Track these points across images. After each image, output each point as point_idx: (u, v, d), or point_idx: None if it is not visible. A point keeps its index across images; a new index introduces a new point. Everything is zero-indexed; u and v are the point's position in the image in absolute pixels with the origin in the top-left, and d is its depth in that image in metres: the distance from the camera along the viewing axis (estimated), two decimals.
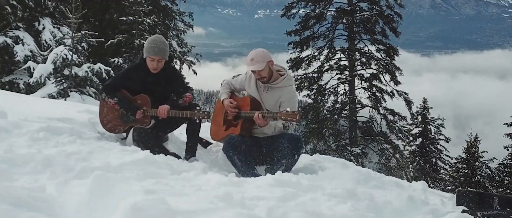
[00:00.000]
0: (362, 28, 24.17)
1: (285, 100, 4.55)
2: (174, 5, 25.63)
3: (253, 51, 4.63)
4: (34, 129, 4.00)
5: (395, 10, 23.95)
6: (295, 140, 4.40)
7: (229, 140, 4.44)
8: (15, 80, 14.15)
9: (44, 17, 15.21)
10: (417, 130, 28.20)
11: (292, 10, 24.71)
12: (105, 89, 4.78)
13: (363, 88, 24.24)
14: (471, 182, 25.27)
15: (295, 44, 24.68)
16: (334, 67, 24.49)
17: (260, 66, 4.45)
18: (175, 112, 4.61)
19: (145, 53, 4.71)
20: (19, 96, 6.44)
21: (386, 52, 23.94)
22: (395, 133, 24.20)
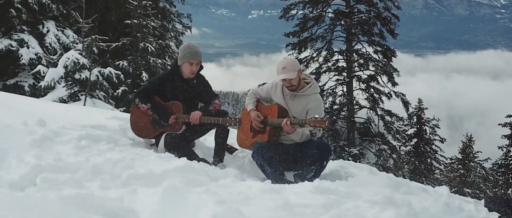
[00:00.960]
0: (360, 30, 24.34)
1: (312, 108, 4.66)
2: (172, 7, 25.69)
3: (284, 60, 4.72)
4: (75, 137, 4.11)
5: (392, 12, 24.12)
6: (324, 147, 4.52)
7: (259, 147, 4.54)
8: (20, 83, 14.22)
9: (48, 20, 15.26)
10: (412, 130, 28.43)
11: (290, 12, 24.86)
12: (139, 95, 4.93)
13: (361, 90, 24.42)
14: (466, 183, 25.53)
15: (294, 45, 24.82)
16: (332, 69, 24.66)
17: (292, 74, 4.54)
18: (207, 118, 4.74)
19: (182, 59, 4.86)
20: (45, 104, 6.51)
21: (384, 54, 24.12)
22: (392, 134, 24.39)
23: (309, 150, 4.50)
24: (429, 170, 29.47)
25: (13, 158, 3.12)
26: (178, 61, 4.92)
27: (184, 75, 4.94)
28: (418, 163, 28.95)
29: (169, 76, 5.00)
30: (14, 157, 3.16)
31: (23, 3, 14.23)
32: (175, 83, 4.94)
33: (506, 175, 25.22)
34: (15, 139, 3.63)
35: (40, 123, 4.21)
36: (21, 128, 3.94)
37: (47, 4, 14.93)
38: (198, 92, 5.04)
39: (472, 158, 26.49)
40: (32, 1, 14.53)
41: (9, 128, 3.80)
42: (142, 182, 3.01)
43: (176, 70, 4.96)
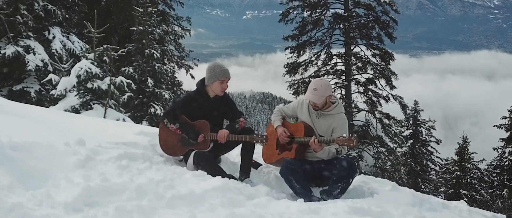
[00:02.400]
0: (358, 34, 24.56)
1: (337, 126, 4.83)
2: (172, 10, 25.79)
3: (319, 82, 4.89)
4: (114, 156, 4.29)
5: (391, 16, 24.34)
6: (350, 165, 4.67)
7: (287, 165, 4.70)
8: (26, 89, 14.29)
9: (54, 26, 15.36)
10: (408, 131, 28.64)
11: (289, 16, 25.06)
12: (167, 116, 5.08)
13: (359, 93, 24.67)
14: (462, 184, 25.73)
15: (292, 49, 25.05)
16: (331, 72, 24.91)
17: (318, 99, 4.73)
18: (234, 136, 4.90)
19: (213, 78, 5.03)
20: (71, 117, 6.67)
21: (382, 57, 24.38)
22: (390, 137, 24.61)
23: (335, 167, 4.67)
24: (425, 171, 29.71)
25: (61, 179, 3.29)
26: (207, 81, 5.09)
27: (210, 95, 5.10)
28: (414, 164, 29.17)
29: (196, 96, 5.17)
30: (62, 177, 3.33)
31: (29, 10, 14.34)
32: (201, 102, 5.10)
33: (501, 176, 25.47)
34: (58, 159, 3.79)
35: (79, 142, 4.39)
36: (64, 148, 4.10)
37: (52, 10, 15.04)
38: (223, 110, 5.21)
39: (468, 160, 26.68)
40: (38, 8, 14.66)
41: (51, 147, 3.97)
42: (185, 202, 3.18)
43: (202, 90, 5.13)
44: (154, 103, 16.04)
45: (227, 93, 5.30)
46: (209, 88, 5.11)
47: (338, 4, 24.83)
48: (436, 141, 29.34)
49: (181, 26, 25.60)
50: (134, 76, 15.26)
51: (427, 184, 29.53)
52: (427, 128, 29.19)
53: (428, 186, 29.47)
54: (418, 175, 29.03)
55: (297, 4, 24.80)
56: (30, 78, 14.78)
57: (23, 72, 14.63)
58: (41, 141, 4.10)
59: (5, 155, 3.50)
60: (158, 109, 15.93)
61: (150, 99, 15.99)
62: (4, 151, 3.55)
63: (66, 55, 14.90)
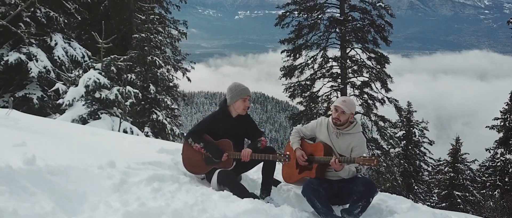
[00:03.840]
0: (354, 37, 24.75)
1: (357, 145, 5.01)
2: (168, 13, 25.93)
3: (347, 97, 5.18)
4: (144, 178, 4.46)
5: (386, 20, 24.54)
6: (370, 184, 4.85)
7: (309, 184, 4.86)
8: (28, 95, 14.39)
9: (55, 33, 15.46)
10: (401, 133, 28.96)
11: (285, 20, 25.22)
12: (192, 135, 5.23)
13: (355, 96, 24.80)
14: (456, 185, 26.05)
15: (289, 52, 25.21)
16: (327, 75, 25.07)
17: (347, 109, 4.94)
18: (257, 155, 5.05)
19: (235, 98, 5.22)
20: (93, 134, 6.80)
21: (377, 61, 24.57)
22: (386, 139, 24.86)
23: (355, 186, 4.83)
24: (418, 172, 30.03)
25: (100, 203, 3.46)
26: (229, 101, 5.27)
27: (233, 114, 5.28)
28: (407, 165, 29.49)
29: (220, 116, 5.33)
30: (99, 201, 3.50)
31: (31, 17, 14.45)
32: (225, 122, 5.26)
33: (493, 176, 25.74)
34: (94, 182, 3.96)
35: (110, 164, 4.56)
36: (98, 171, 4.27)
37: (54, 17, 15.15)
38: (245, 129, 5.37)
39: (461, 161, 26.99)
40: (41, 15, 14.77)
41: (86, 171, 4.13)
42: None
43: (225, 110, 5.31)
44: (156, 109, 16.18)
45: (249, 114, 5.47)
46: (231, 108, 5.28)
47: (334, 8, 25.03)
48: (429, 142, 29.72)
49: (178, 29, 25.74)
50: (136, 83, 15.41)
51: (420, 185, 29.88)
52: (420, 129, 29.58)
53: (421, 187, 29.83)
54: (411, 176, 29.38)
55: (293, 8, 24.95)
56: (32, 84, 14.90)
57: (25, 78, 14.73)
58: (76, 164, 4.25)
59: (44, 179, 3.63)
60: (160, 115, 16.08)
61: (152, 106, 16.13)
62: (43, 175, 3.68)
63: (68, 61, 15.02)
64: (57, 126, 7.16)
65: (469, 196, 26.39)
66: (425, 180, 30.55)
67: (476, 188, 27.04)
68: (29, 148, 4.49)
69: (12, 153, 4.14)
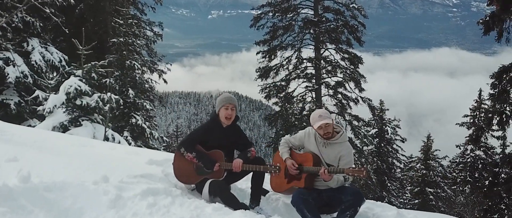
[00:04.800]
0: (328, 38, 25.03)
1: (345, 155, 5.16)
2: (143, 15, 25.79)
3: (318, 110, 5.30)
4: (138, 192, 4.56)
5: (359, 20, 24.93)
6: (357, 194, 5.01)
7: (299, 194, 4.98)
8: (5, 101, 14.20)
9: (32, 37, 15.30)
10: (374, 131, 29.44)
11: (260, 21, 25.38)
12: (184, 145, 5.33)
13: (329, 96, 25.12)
14: (428, 182, 26.66)
15: (264, 53, 25.37)
16: (301, 76, 25.30)
17: (329, 120, 5.09)
18: (248, 166, 5.19)
19: (219, 105, 5.36)
20: (81, 146, 6.84)
21: (351, 61, 24.92)
22: (360, 138, 25.26)
23: (344, 196, 4.97)
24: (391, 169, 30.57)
25: None
26: (216, 110, 5.41)
27: (223, 124, 5.40)
28: (380, 162, 29.98)
29: (212, 125, 5.45)
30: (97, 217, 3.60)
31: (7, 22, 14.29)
32: (216, 132, 5.38)
33: (464, 172, 26.37)
34: (91, 199, 4.05)
35: (104, 179, 4.64)
36: (94, 187, 4.34)
37: (31, 22, 15.01)
38: (235, 140, 5.49)
39: (433, 158, 27.56)
40: (17, 19, 14.60)
41: (81, 186, 4.21)
42: None
43: (216, 120, 5.43)
44: (134, 113, 16.16)
45: (238, 125, 5.60)
46: (219, 117, 5.41)
47: (308, 9, 25.32)
48: (401, 140, 30.25)
49: (153, 31, 25.62)
50: (115, 87, 15.38)
51: (393, 182, 30.41)
52: (392, 127, 30.11)
53: (394, 184, 30.39)
54: (384, 173, 29.87)
55: (268, 10, 25.15)
56: (9, 90, 14.70)
57: (2, 84, 14.54)
58: (70, 180, 4.32)
59: (40, 197, 3.70)
60: (139, 119, 16.06)
61: (131, 110, 16.11)
62: (39, 193, 3.75)
63: (46, 66, 14.89)
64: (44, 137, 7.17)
65: (441, 192, 27.00)
66: (398, 177, 31.06)
67: (447, 184, 27.65)
68: (22, 163, 4.54)
69: (5, 169, 4.19)
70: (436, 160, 27.67)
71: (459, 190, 26.70)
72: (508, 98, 14.79)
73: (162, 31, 26.10)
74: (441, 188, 27.03)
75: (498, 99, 14.98)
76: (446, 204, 27.12)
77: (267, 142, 26.61)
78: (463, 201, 26.00)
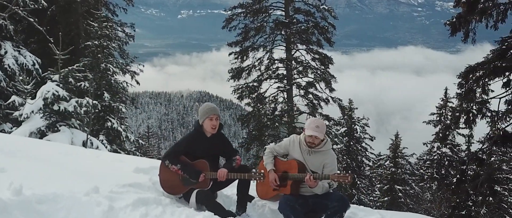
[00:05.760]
0: (299, 39, 25.29)
1: (329, 162, 5.34)
2: (115, 16, 25.58)
3: (318, 121, 5.41)
4: (129, 203, 4.64)
5: (329, 21, 25.31)
6: (343, 199, 5.19)
7: (286, 201, 5.11)
8: None
9: (5, 41, 15.06)
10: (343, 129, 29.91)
11: (232, 23, 25.50)
12: (168, 157, 5.41)
13: (301, 96, 25.35)
14: (397, 180, 27.28)
15: (236, 54, 25.48)
16: (273, 76, 25.48)
17: (321, 135, 5.25)
18: (233, 174, 5.30)
19: (202, 117, 5.44)
20: (66, 155, 6.85)
21: (321, 61, 25.23)
22: (331, 138, 25.60)
23: (329, 202, 5.13)
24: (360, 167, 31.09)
25: None
26: (200, 121, 5.48)
27: (207, 134, 5.49)
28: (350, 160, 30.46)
29: (195, 136, 5.53)
30: None
31: None
32: (200, 142, 5.47)
33: (431, 169, 27.10)
34: (83, 210, 4.12)
35: (94, 189, 4.70)
36: (86, 198, 4.39)
37: (4, 25, 14.80)
38: (220, 149, 5.60)
39: (401, 156, 28.16)
40: None
41: (73, 198, 4.26)
42: None
43: (200, 131, 5.51)
44: (110, 117, 16.11)
45: (223, 133, 5.69)
46: (203, 128, 5.49)
47: (279, 10, 25.59)
48: (370, 138, 30.79)
49: (125, 32, 25.41)
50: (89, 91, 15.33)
51: (362, 180, 30.94)
52: (361, 125, 30.62)
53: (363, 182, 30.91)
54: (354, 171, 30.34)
55: (239, 11, 25.30)
56: None
57: None
58: (62, 191, 4.36)
59: (33, 210, 3.75)
60: (114, 123, 16.01)
61: (106, 113, 16.05)
62: (32, 205, 3.80)
63: (19, 70, 14.71)
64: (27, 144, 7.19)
65: (409, 189, 27.63)
66: (367, 175, 31.55)
67: (414, 181, 28.28)
68: (10, 174, 4.57)
69: None
70: (404, 158, 28.26)
71: (427, 187, 27.39)
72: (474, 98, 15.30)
73: (134, 32, 25.90)
74: (409, 185, 27.62)
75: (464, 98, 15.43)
76: (414, 200, 27.78)
77: (239, 142, 26.75)
78: (431, 197, 26.70)
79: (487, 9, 14.31)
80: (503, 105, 15.01)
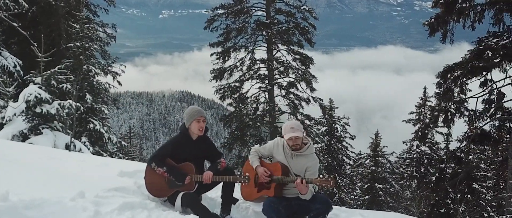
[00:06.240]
0: (280, 39, 25.46)
1: (311, 166, 5.44)
2: (96, 17, 25.40)
3: (291, 122, 5.50)
4: (115, 207, 4.68)
5: (310, 22, 25.53)
6: (326, 202, 5.30)
7: (270, 203, 5.20)
8: None
9: None
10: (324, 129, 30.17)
11: (214, 23, 25.55)
12: (154, 160, 5.47)
13: (282, 96, 25.53)
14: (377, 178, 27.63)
15: (218, 54, 25.54)
16: (255, 77, 25.61)
17: (299, 133, 5.33)
18: (218, 177, 5.38)
19: (189, 120, 5.51)
20: (51, 159, 6.84)
21: (302, 62, 25.43)
22: (312, 137, 25.81)
23: (313, 204, 5.24)
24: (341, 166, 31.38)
25: None
26: (186, 124, 5.56)
27: (193, 136, 5.57)
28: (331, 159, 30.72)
29: (181, 139, 5.60)
30: None
31: None
32: (186, 145, 5.54)
33: (410, 167, 27.48)
34: (69, 216, 4.16)
35: (80, 194, 4.75)
36: (72, 203, 4.43)
37: None
38: (205, 151, 5.68)
39: (381, 154, 28.50)
40: None
41: (60, 203, 4.30)
42: None
43: (186, 134, 5.59)
44: (92, 118, 16.06)
45: (208, 136, 5.77)
46: (190, 131, 5.58)
47: (260, 11, 25.73)
48: (350, 137, 31.08)
49: (107, 33, 25.25)
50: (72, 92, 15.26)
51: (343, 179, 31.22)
52: (342, 124, 30.90)
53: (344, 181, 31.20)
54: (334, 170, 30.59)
55: (221, 12, 25.37)
56: None
57: None
58: (48, 197, 4.39)
59: (21, 216, 3.78)
60: (97, 125, 15.96)
61: (88, 115, 15.99)
62: (19, 211, 3.82)
63: (0, 72, 14.58)
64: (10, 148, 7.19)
65: (389, 188, 28.00)
66: (348, 173, 31.82)
67: (394, 179, 28.67)
68: None
69: None
70: (384, 156, 28.60)
71: (406, 185, 27.77)
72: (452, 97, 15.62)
73: (115, 33, 25.73)
74: (389, 183, 27.95)
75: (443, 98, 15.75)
76: (394, 199, 28.17)
77: (221, 142, 26.82)
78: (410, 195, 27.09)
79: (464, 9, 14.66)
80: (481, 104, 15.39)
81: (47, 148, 8.39)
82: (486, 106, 15.39)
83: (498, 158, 19.19)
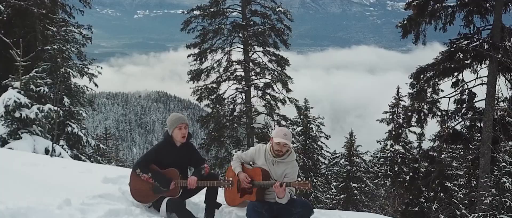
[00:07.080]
0: (256, 41, 25.68)
1: (289, 172, 5.63)
2: (72, 18, 25.11)
3: (286, 129, 5.72)
4: (101, 214, 4.75)
5: (285, 24, 25.78)
6: (307, 205, 5.51)
7: (253, 207, 5.34)
8: None
9: None
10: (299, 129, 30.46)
11: (190, 25, 25.58)
12: (139, 166, 5.55)
13: (258, 97, 25.80)
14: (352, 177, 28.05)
15: (195, 56, 25.57)
16: (231, 78, 25.75)
17: (289, 143, 5.58)
18: (203, 182, 5.51)
19: (172, 127, 5.61)
20: (34, 165, 6.83)
21: (278, 63, 25.72)
22: None
23: (294, 208, 5.42)
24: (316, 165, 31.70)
25: None
26: (169, 131, 5.66)
27: (176, 143, 5.67)
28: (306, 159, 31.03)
29: (164, 146, 5.71)
30: None
31: None
32: (170, 152, 5.64)
33: (384, 166, 27.98)
34: None
35: (66, 202, 4.80)
36: (58, 211, 4.48)
37: None
38: (189, 157, 5.78)
39: (355, 154, 28.92)
40: None
41: (46, 211, 4.34)
42: None
43: (170, 141, 5.68)
44: (70, 122, 15.97)
45: (191, 142, 5.89)
46: (173, 138, 5.67)
47: (236, 13, 25.91)
48: (325, 136, 31.41)
49: (83, 34, 24.94)
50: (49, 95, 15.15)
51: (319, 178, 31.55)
52: (317, 124, 31.24)
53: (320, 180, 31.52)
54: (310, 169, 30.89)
55: (197, 14, 25.44)
56: None
57: None
58: (34, 205, 4.43)
59: None
60: (75, 128, 15.88)
61: (66, 118, 15.90)
62: None
63: None
64: None
65: (364, 186, 28.45)
66: (323, 173, 32.15)
67: (369, 178, 29.14)
68: None
69: None
70: (358, 156, 29.02)
71: (381, 184, 28.23)
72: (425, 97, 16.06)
73: (91, 34, 25.44)
74: (364, 182, 28.37)
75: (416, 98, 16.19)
76: (369, 197, 28.62)
77: (199, 143, 26.87)
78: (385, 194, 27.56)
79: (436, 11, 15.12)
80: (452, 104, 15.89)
81: (28, 153, 8.38)
82: (458, 106, 15.87)
83: (470, 156, 19.70)
